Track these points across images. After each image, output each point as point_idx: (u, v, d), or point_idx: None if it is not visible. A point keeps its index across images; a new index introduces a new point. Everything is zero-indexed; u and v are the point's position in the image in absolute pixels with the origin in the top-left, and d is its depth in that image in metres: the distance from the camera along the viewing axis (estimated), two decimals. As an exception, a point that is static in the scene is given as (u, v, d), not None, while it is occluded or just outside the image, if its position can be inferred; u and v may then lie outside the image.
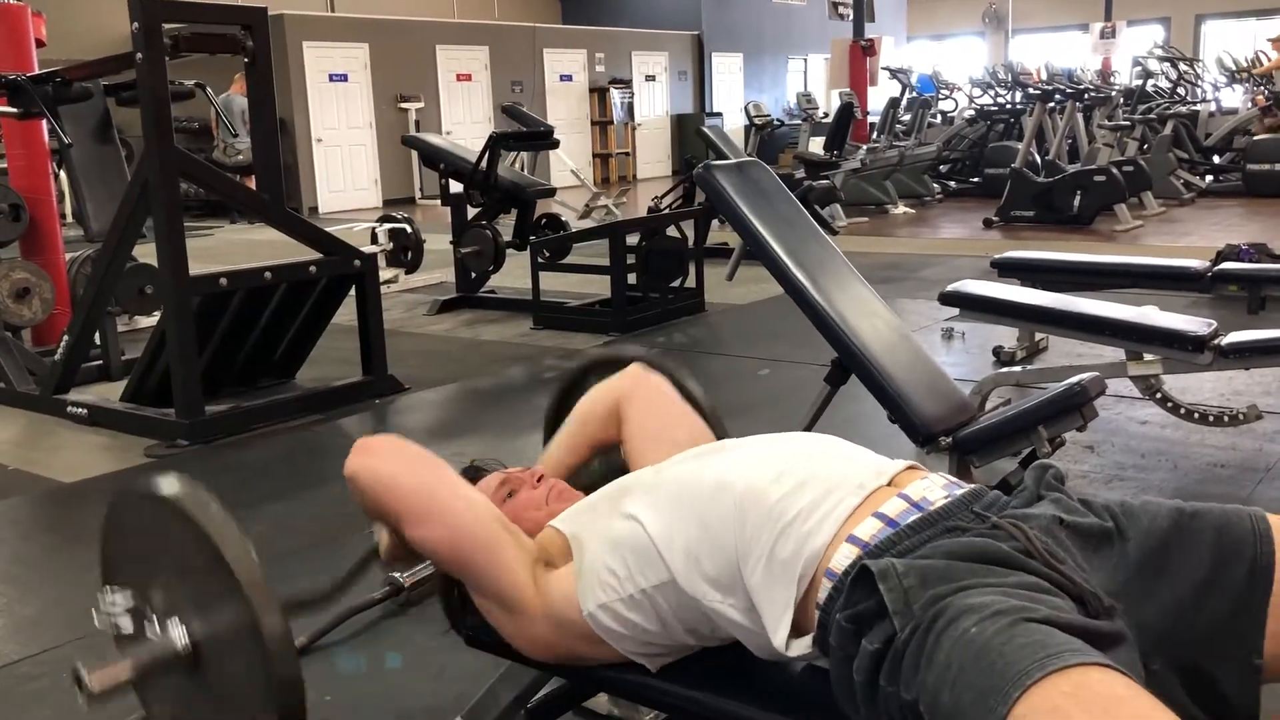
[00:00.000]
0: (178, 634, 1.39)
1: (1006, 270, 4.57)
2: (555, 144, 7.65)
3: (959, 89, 14.16)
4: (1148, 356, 3.34)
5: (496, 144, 6.46)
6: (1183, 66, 12.92)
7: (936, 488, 1.29)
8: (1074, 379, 2.55)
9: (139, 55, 3.83)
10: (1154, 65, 12.71)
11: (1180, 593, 1.17)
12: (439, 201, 7.37)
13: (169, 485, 1.41)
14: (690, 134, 16.73)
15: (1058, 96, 10.26)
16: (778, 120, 13.09)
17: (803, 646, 1.22)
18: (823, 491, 1.27)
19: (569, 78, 17.07)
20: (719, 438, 1.70)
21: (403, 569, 2.52)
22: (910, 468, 1.35)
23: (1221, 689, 1.16)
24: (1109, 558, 1.19)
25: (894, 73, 12.94)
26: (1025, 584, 1.10)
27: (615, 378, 1.74)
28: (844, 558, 1.20)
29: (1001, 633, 1.00)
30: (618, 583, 1.33)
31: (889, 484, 1.30)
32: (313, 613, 1.61)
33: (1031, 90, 10.93)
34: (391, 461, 1.45)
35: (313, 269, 4.38)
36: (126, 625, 1.43)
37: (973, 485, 1.32)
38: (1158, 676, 1.12)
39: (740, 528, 1.26)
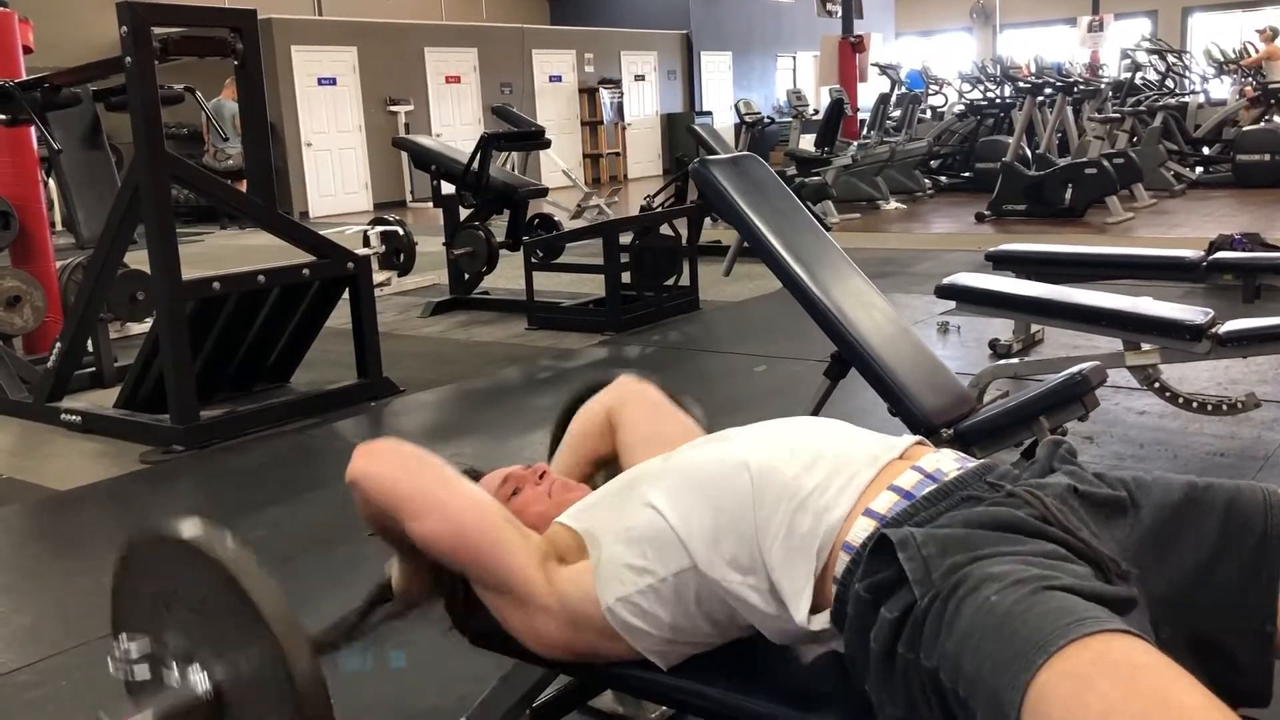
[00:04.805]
0: (198, 679, 1.35)
1: (1001, 263, 4.57)
2: (546, 144, 7.63)
3: (948, 84, 14.18)
4: (1145, 346, 3.33)
5: (488, 145, 6.44)
6: (1171, 59, 12.95)
7: (949, 460, 1.30)
8: (1075, 368, 2.55)
9: (128, 59, 3.81)
10: (1142, 58, 12.74)
11: (1191, 561, 1.18)
12: (431, 203, 7.33)
13: (187, 527, 1.38)
14: (680, 133, 16.70)
15: (1047, 90, 10.26)
16: (768, 118, 13.06)
17: (822, 621, 1.21)
18: (836, 465, 1.27)
19: (558, 78, 17.04)
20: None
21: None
22: (918, 443, 1.35)
23: (1236, 659, 1.17)
24: (1122, 526, 1.20)
25: (883, 69, 12.94)
26: (1044, 551, 1.10)
27: (603, 392, 1.76)
28: (861, 530, 1.21)
29: (1023, 600, 1.01)
30: (637, 574, 1.31)
31: (900, 457, 1.30)
32: (333, 653, 1.60)
33: (1021, 84, 10.92)
34: (390, 462, 1.45)
35: (306, 272, 4.35)
36: (142, 673, 1.39)
37: (985, 460, 1.32)
38: (1167, 645, 1.11)
39: (758, 506, 1.26)
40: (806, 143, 11.01)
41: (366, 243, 6.90)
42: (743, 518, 1.26)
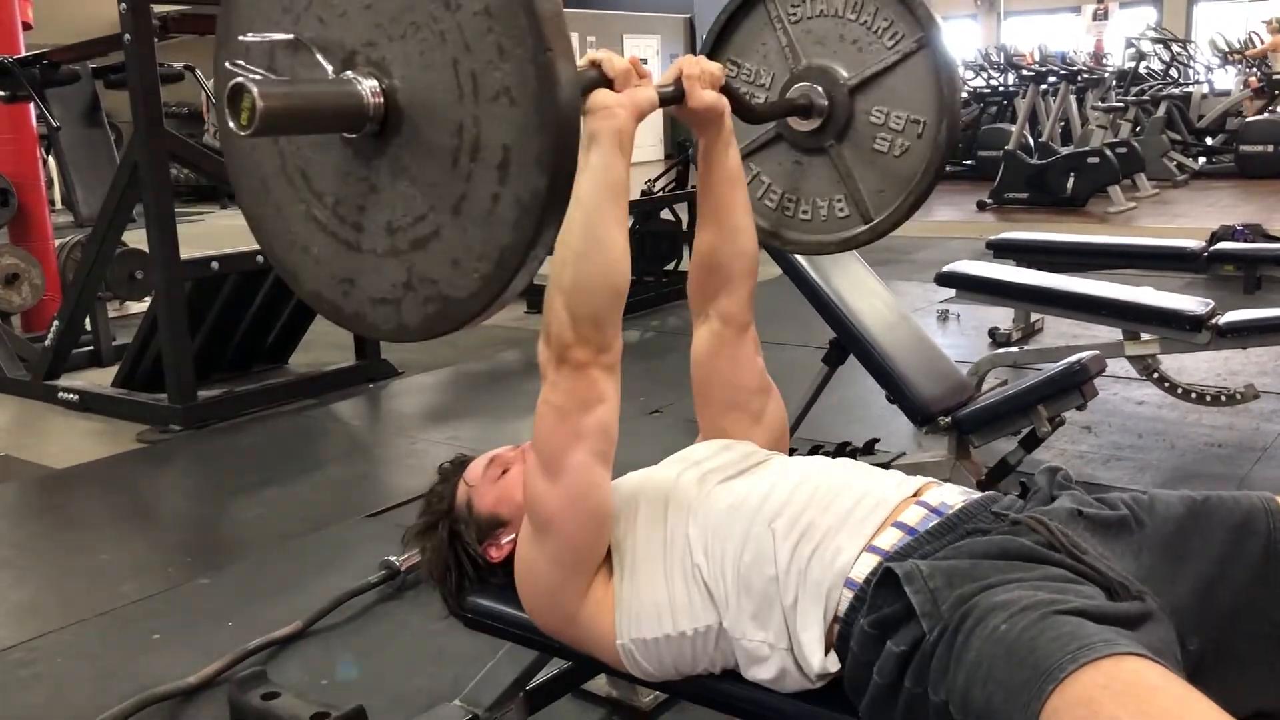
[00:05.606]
0: (367, 83, 1.03)
1: (1002, 251, 4.57)
2: (548, 127, 7.60)
3: (952, 71, 14.10)
4: (1145, 336, 3.33)
5: (489, 127, 6.41)
6: (1175, 48, 12.89)
7: (954, 493, 1.29)
8: (1074, 357, 2.55)
9: (127, 37, 3.79)
10: (1147, 47, 12.68)
11: (1202, 570, 1.17)
12: (431, 185, 7.29)
13: None
14: (682, 118, 16.63)
15: (1051, 78, 10.22)
16: (770, 103, 13.00)
17: (834, 663, 1.20)
18: (848, 509, 1.27)
19: (560, 61, 16.98)
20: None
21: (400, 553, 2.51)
22: (929, 481, 1.34)
23: (1257, 664, 1.17)
24: (1130, 545, 1.19)
25: (887, 55, 12.87)
26: (1052, 576, 1.10)
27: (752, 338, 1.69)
28: (864, 567, 1.20)
29: (1031, 627, 1.00)
30: (657, 622, 1.30)
31: (911, 495, 1.29)
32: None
33: (1025, 72, 10.87)
34: (559, 399, 1.38)
35: (305, 252, 4.33)
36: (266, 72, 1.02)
37: (989, 491, 1.32)
38: (1196, 657, 1.12)
39: (776, 556, 1.25)
40: (809, 129, 10.95)
41: (366, 224, 6.88)
42: (764, 570, 1.25)
